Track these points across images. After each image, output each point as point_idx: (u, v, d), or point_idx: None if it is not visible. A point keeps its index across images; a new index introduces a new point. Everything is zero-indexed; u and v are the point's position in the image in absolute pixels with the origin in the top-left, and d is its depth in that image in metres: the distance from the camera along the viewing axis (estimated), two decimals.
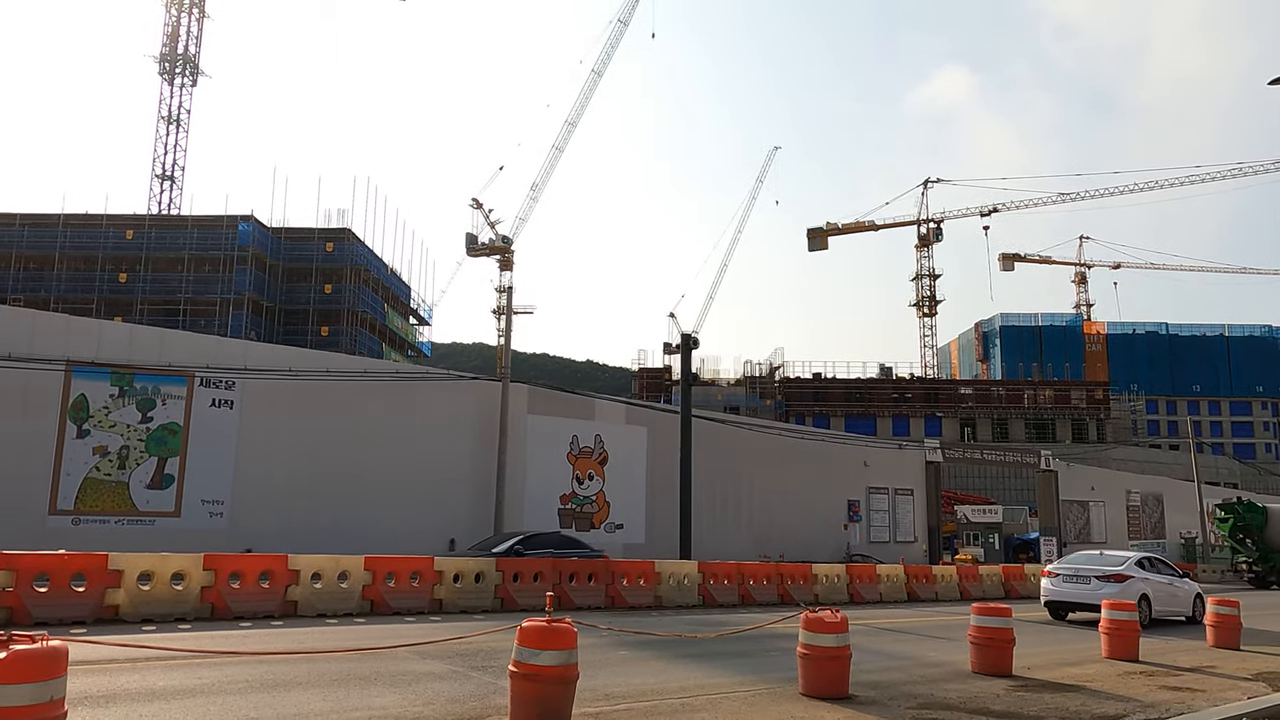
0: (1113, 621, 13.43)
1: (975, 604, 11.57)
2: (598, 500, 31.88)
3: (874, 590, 23.28)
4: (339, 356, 28.54)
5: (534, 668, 7.20)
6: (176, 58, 77.14)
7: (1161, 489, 58.73)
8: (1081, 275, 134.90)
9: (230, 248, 46.58)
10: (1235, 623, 15.42)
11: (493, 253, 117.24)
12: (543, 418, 30.80)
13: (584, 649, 11.35)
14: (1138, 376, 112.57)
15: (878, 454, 41.99)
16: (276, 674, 9.32)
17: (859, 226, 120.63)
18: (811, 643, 9.28)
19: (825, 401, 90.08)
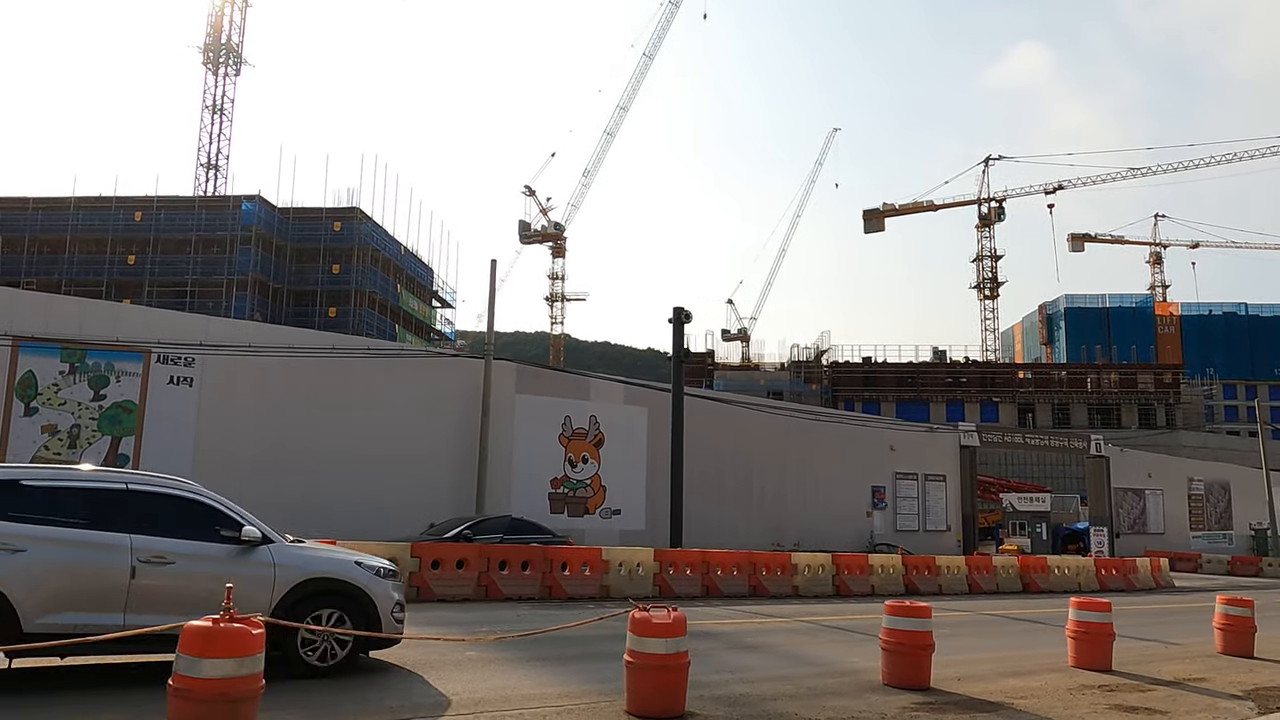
0: (1080, 624, 11.32)
1: (890, 602, 9.63)
2: (592, 484, 30.27)
3: (864, 583, 21.22)
4: (306, 333, 27.40)
5: (192, 681, 5.59)
6: (220, 47, 77.51)
7: (1229, 477, 54.76)
8: (1157, 255, 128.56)
9: (236, 228, 46.12)
10: (1247, 626, 13.14)
11: (545, 240, 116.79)
12: (532, 397, 29.27)
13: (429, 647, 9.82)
14: (1214, 360, 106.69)
15: (907, 437, 39.54)
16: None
17: (917, 207, 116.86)
18: (638, 649, 7.52)
19: (875, 386, 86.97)
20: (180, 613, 6.89)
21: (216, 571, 7.79)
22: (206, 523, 8.15)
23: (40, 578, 7.26)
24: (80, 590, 7.42)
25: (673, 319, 27.41)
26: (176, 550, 7.81)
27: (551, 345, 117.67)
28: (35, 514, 7.47)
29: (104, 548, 7.55)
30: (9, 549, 7.19)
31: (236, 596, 6.89)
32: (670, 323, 27.47)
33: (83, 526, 7.55)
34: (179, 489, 8.27)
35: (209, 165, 74.67)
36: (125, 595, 7.52)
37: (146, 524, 7.80)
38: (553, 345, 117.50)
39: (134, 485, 8.06)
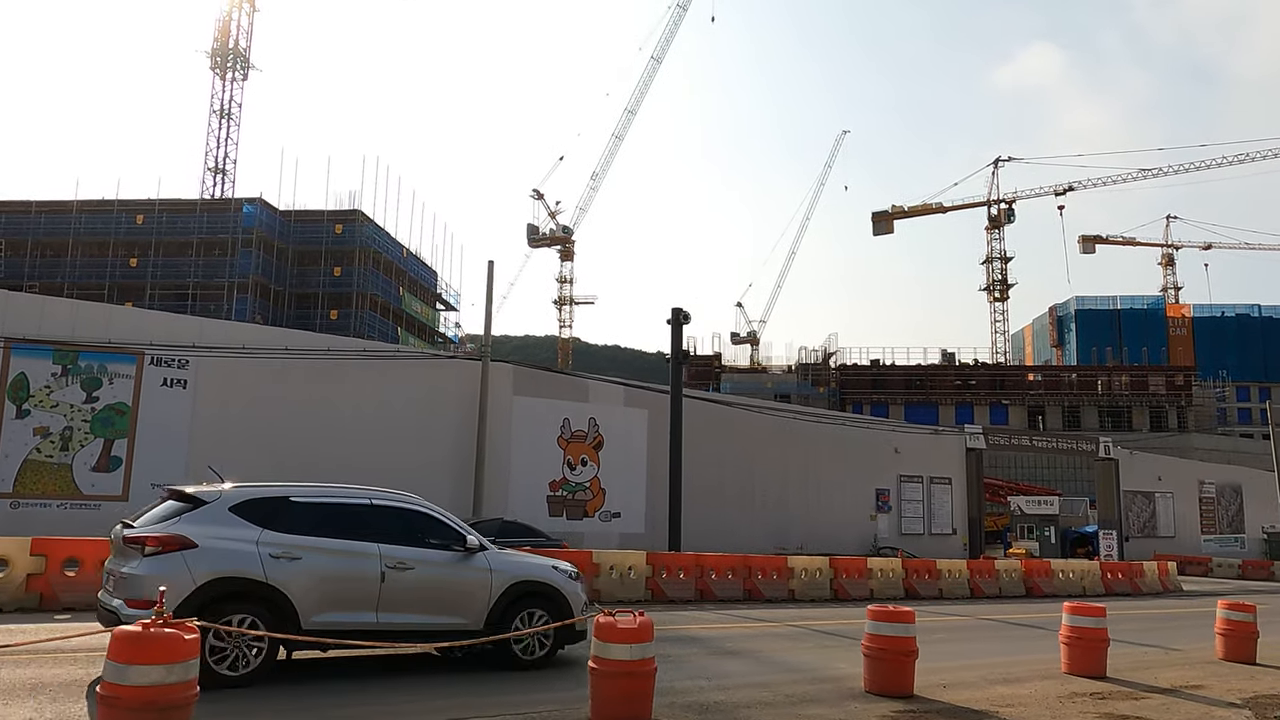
0: (1074, 630, 10.98)
1: (873, 607, 9.33)
2: (591, 487, 30.01)
3: (862, 586, 20.86)
4: (302, 334, 27.23)
5: (119, 689, 5.35)
6: (228, 52, 77.65)
7: (1241, 480, 54.10)
8: (1168, 257, 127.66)
9: (237, 231, 46.06)
10: (1249, 631, 12.77)
11: (553, 243, 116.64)
12: (530, 399, 29.04)
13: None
14: (1227, 362, 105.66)
15: (911, 440, 39.16)
16: None
17: (926, 209, 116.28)
18: (602, 655, 7.23)
19: (883, 389, 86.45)
20: (420, 611, 8.51)
21: (446, 575, 9.05)
22: (434, 533, 9.24)
23: (313, 581, 8.26)
24: (343, 592, 8.45)
25: (671, 320, 27.12)
26: (414, 557, 8.86)
27: (560, 348, 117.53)
28: (303, 527, 8.51)
29: (361, 555, 8.61)
30: (289, 557, 8.21)
31: (463, 596, 9.01)
32: (669, 324, 27.18)
33: (340, 537, 8.62)
34: (411, 503, 9.42)
35: (216, 170, 74.81)
36: (377, 597, 8.55)
37: (389, 534, 8.90)
38: (561, 348, 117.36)
39: (376, 500, 9.21)
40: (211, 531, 8.07)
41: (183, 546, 7.88)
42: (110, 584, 8.09)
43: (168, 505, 8.44)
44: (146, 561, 7.80)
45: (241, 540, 8.14)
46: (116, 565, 8.07)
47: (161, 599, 5.85)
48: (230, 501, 8.40)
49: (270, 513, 8.48)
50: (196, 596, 7.68)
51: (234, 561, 7.99)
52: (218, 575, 7.86)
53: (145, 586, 7.50)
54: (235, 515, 8.30)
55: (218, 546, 8.01)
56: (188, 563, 7.81)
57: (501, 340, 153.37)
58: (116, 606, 7.66)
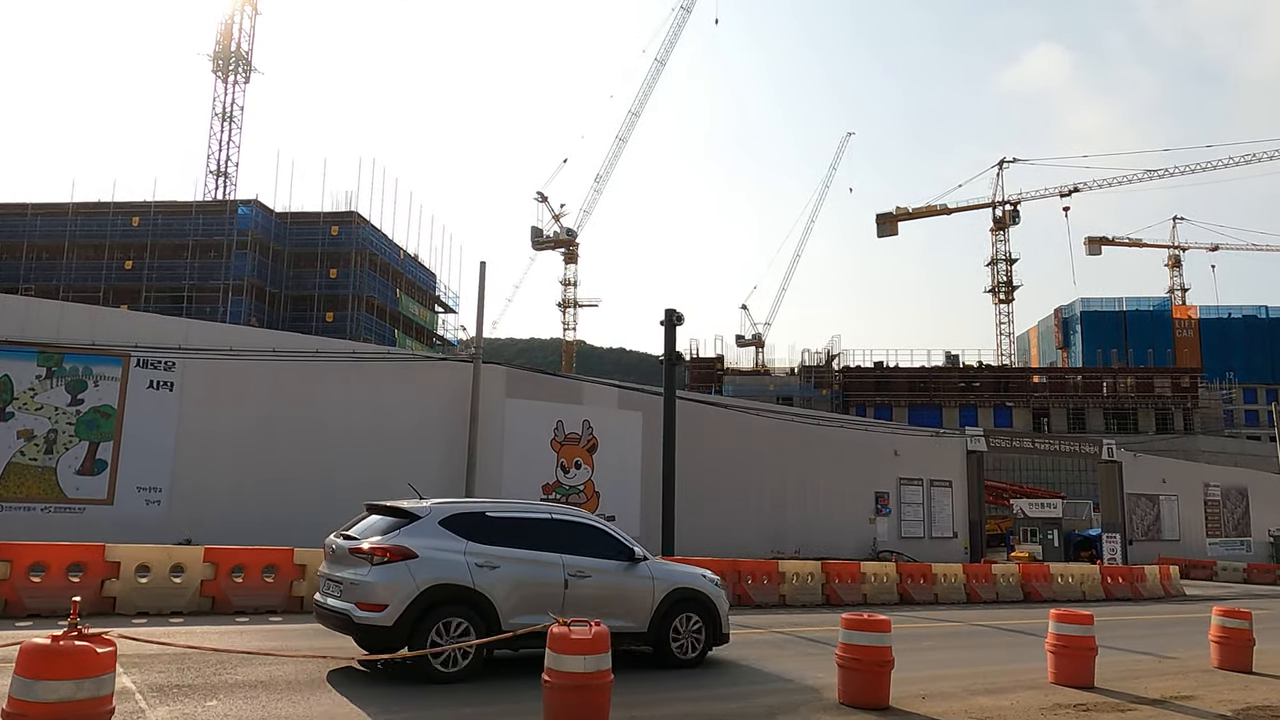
0: (1060, 638, 10.64)
1: (847, 615, 9.01)
2: (585, 490, 29.69)
3: (855, 591, 20.51)
4: (291, 336, 26.96)
5: (26, 706, 5.07)
6: (229, 55, 77.61)
7: (1247, 482, 53.54)
8: (1175, 258, 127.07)
9: (232, 233, 45.87)
10: (1244, 639, 12.41)
11: (557, 246, 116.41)
12: (523, 401, 28.74)
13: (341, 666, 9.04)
14: (1233, 363, 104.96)
15: (911, 442, 38.78)
16: None
17: (930, 211, 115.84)
18: (556, 667, 6.95)
19: (887, 391, 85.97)
20: (596, 614, 8.33)
21: (617, 582, 10.00)
22: (605, 544, 10.21)
23: (510, 588, 9.21)
24: (534, 597, 9.29)
25: (665, 321, 26.80)
26: (591, 566, 9.84)
27: (564, 351, 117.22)
28: (499, 539, 9.44)
29: (547, 565, 9.56)
30: (490, 565, 9.15)
31: (625, 602, 9.96)
32: (663, 325, 26.86)
33: (529, 548, 9.54)
34: (585, 518, 10.61)
35: (218, 172, 74.77)
36: (562, 601, 9.34)
37: (568, 546, 9.84)
38: (565, 351, 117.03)
39: (556, 515, 10.33)
40: (427, 543, 9.04)
41: (406, 557, 8.83)
42: (334, 589, 9.09)
43: (382, 519, 9.47)
44: (376, 570, 8.76)
45: (452, 551, 9.10)
46: (342, 572, 9.07)
47: (74, 610, 5.73)
48: (439, 516, 9.38)
49: (472, 526, 9.45)
50: (419, 601, 8.68)
51: (448, 570, 8.97)
52: (436, 582, 8.85)
53: (377, 592, 8.62)
54: (444, 529, 9.28)
55: (434, 557, 8.97)
56: (411, 571, 8.78)
57: (506, 343, 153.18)
58: (348, 609, 8.72)
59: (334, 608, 8.92)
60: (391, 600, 8.57)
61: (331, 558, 9.49)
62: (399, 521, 9.26)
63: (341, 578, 9.02)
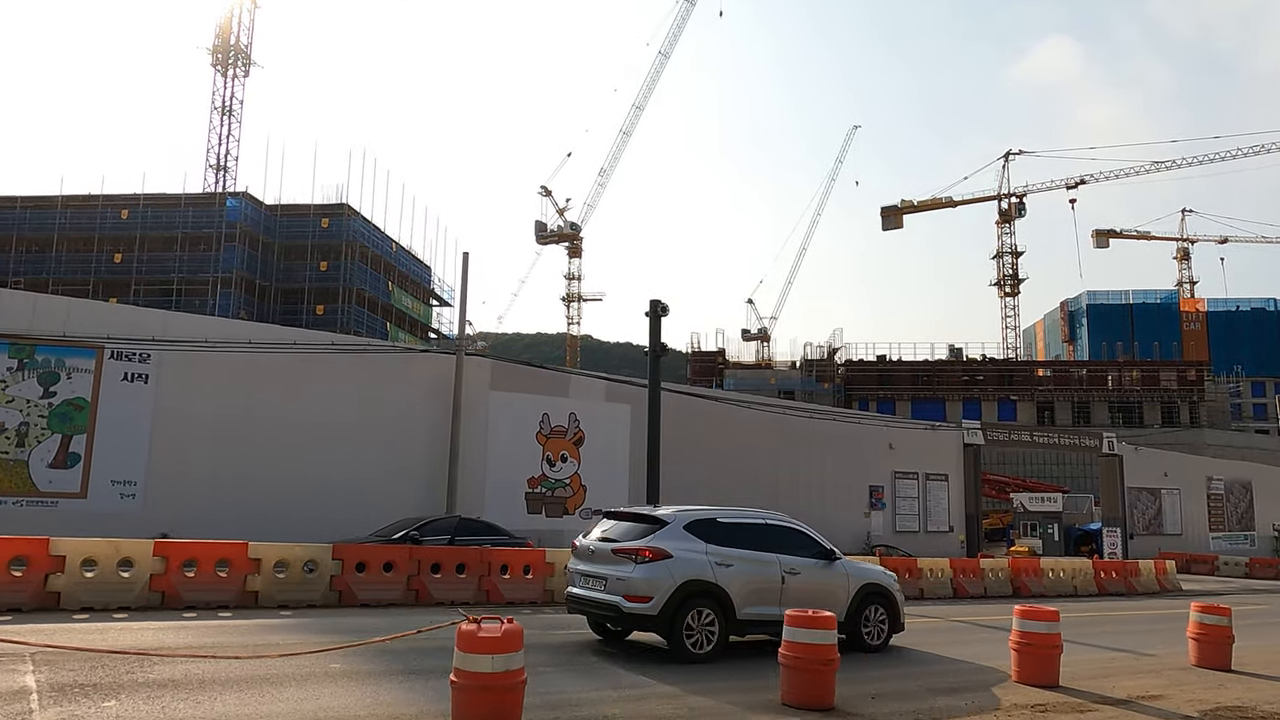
0: (1024, 635, 10.21)
1: (790, 611, 8.61)
2: (572, 484, 29.33)
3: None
4: (269, 328, 26.69)
5: None
6: (229, 49, 77.30)
7: (1251, 476, 52.87)
8: (1184, 251, 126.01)
9: (222, 226, 45.57)
10: (1223, 636, 11.96)
11: (561, 240, 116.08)
12: (508, 394, 28.37)
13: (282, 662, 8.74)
14: (1241, 357, 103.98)
15: (906, 435, 38.29)
16: None
17: (935, 204, 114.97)
18: (464, 666, 6.57)
19: (890, 385, 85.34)
20: (805, 606, 9.62)
21: (821, 578, 11.59)
22: (808, 545, 11.83)
23: (741, 583, 10.74)
24: (758, 591, 10.91)
25: (649, 312, 26.41)
26: (799, 564, 11.41)
27: (568, 345, 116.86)
28: (729, 541, 11.00)
29: (767, 563, 11.14)
30: (725, 563, 10.68)
31: (828, 595, 11.39)
32: (648, 316, 26.47)
33: (752, 549, 11.12)
34: (791, 523, 12.21)
35: (218, 166, 74.56)
36: (780, 594, 11.01)
37: (780, 546, 11.46)
38: (569, 345, 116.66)
39: (769, 521, 11.97)
40: (677, 545, 10.55)
41: (664, 557, 10.37)
42: (596, 584, 10.66)
43: (632, 525, 11.09)
44: (640, 568, 10.29)
45: (696, 552, 10.62)
46: (604, 569, 10.61)
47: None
48: (683, 522, 10.96)
49: (708, 530, 10.98)
50: (676, 594, 10.21)
51: (695, 568, 10.49)
52: (689, 578, 10.36)
53: (642, 586, 10.18)
54: (687, 533, 10.79)
55: (685, 556, 10.48)
56: (669, 569, 10.30)
57: (513, 338, 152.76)
58: (616, 601, 10.25)
59: (600, 599, 10.51)
60: (655, 593, 10.14)
61: (587, 556, 11.12)
62: (650, 527, 10.83)
63: (605, 574, 10.58)
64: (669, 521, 10.88)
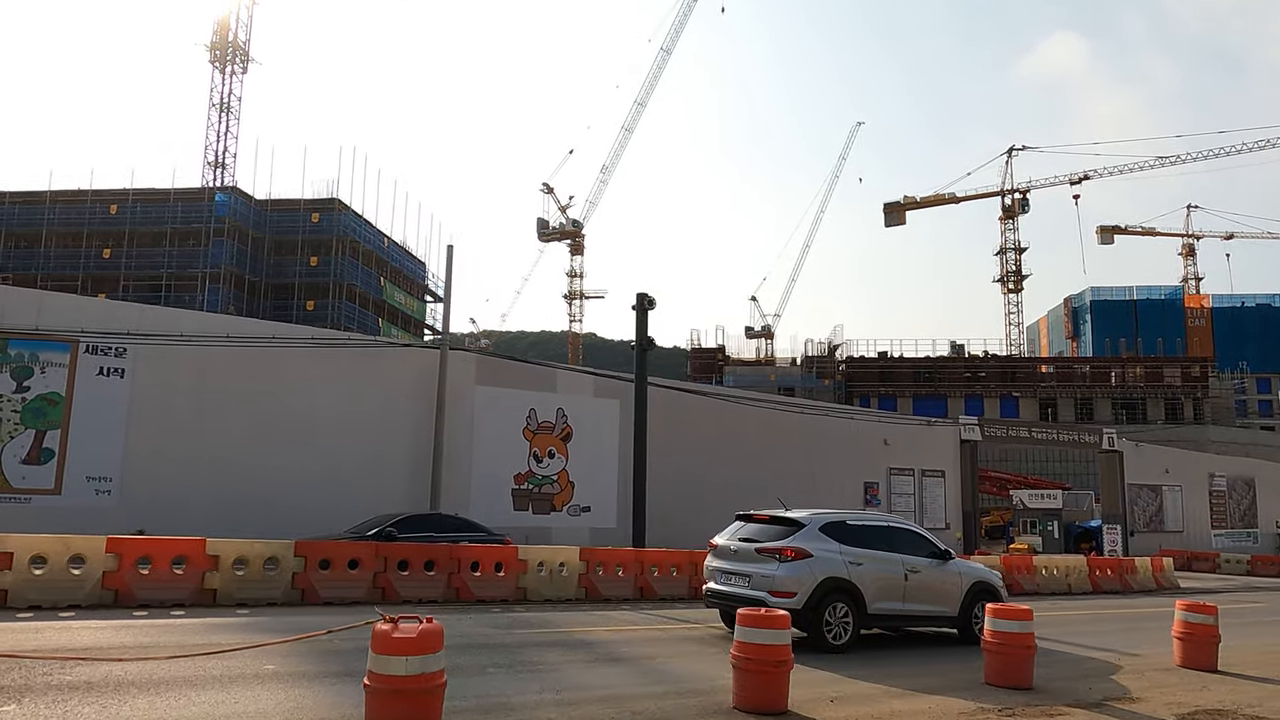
0: (997, 635, 9.76)
1: (742, 610, 8.19)
2: (559, 480, 28.92)
3: None
4: (249, 321, 26.29)
5: None
6: (227, 45, 76.94)
7: (1254, 472, 52.25)
8: (1189, 247, 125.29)
9: (211, 221, 45.21)
10: (1208, 635, 11.51)
11: (563, 237, 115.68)
12: (494, 389, 27.96)
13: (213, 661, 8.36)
14: (1247, 353, 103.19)
15: (902, 431, 37.83)
16: None
17: (938, 200, 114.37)
18: (378, 670, 6.14)
19: (891, 382, 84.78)
20: (924, 602, 12.24)
21: (937, 576, 12.52)
22: (925, 545, 12.74)
23: (870, 580, 11.68)
24: (885, 588, 11.85)
25: (635, 305, 26.00)
26: (918, 562, 12.34)
27: (570, 343, 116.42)
28: (857, 541, 11.92)
29: (892, 562, 12.05)
30: (856, 562, 11.59)
31: (944, 592, 12.59)
32: (634, 309, 26.06)
33: (877, 549, 12.03)
34: (910, 525, 13.41)
35: (216, 164, 74.25)
36: (903, 591, 12.03)
37: (901, 546, 12.38)
38: (571, 343, 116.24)
39: (891, 523, 12.95)
40: (815, 545, 11.48)
41: (805, 556, 11.31)
42: (739, 581, 11.58)
43: (770, 526, 12.02)
44: (784, 566, 11.23)
45: (831, 551, 11.54)
46: (747, 567, 11.53)
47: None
48: (818, 524, 11.86)
49: (839, 532, 11.89)
50: (817, 590, 11.14)
51: (832, 566, 11.40)
52: (827, 575, 11.31)
53: (787, 583, 11.10)
54: (823, 534, 11.72)
55: (822, 556, 11.41)
56: (810, 567, 11.26)
57: (518, 336, 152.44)
58: (762, 596, 10.98)
59: (745, 595, 11.21)
60: (799, 589, 11.08)
61: (729, 555, 12.02)
62: (789, 529, 11.77)
63: (749, 571, 11.47)
64: (806, 524, 11.79)
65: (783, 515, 12.10)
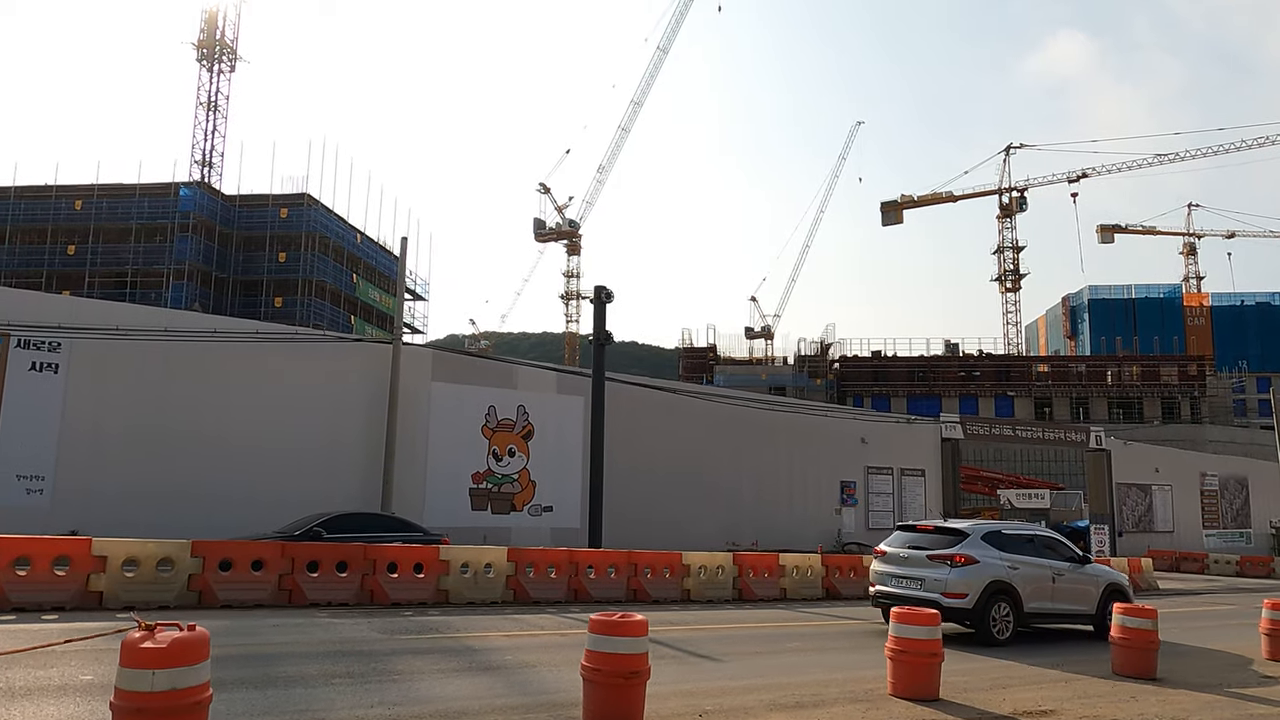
0: (900, 642, 8.94)
1: (595, 615, 7.38)
2: (520, 479, 28.13)
3: (772, 586, 18.85)
4: (190, 315, 25.63)
5: None
6: (215, 44, 76.26)
7: (1247, 472, 51.28)
8: (1190, 246, 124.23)
9: (176, 216, 44.40)
10: (1146, 641, 10.68)
11: (560, 238, 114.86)
12: (451, 385, 27.18)
13: None
14: (1248, 352, 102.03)
15: (880, 429, 36.98)
16: None
17: (936, 198, 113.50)
18: (124, 686, 5.33)
19: (885, 381, 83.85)
20: (1068, 602, 13.95)
21: (1079, 579, 14.11)
22: (1066, 551, 14.42)
23: (1026, 582, 13.21)
24: (1037, 589, 13.38)
25: (594, 299, 25.23)
26: (1062, 567, 13.94)
27: (567, 343, 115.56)
28: (1012, 548, 13.44)
29: (1042, 566, 13.63)
30: (1014, 567, 13.12)
31: (1085, 593, 14.15)
32: (592, 302, 25.29)
33: (1029, 555, 13.59)
34: (1049, 533, 14.99)
35: (203, 163, 73.51)
36: (1051, 592, 13.60)
37: (1046, 553, 14.00)
38: (568, 343, 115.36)
39: (1037, 532, 14.56)
40: (979, 552, 13.04)
41: (973, 562, 12.89)
42: (911, 584, 13.10)
43: (936, 536, 13.56)
44: (956, 570, 12.82)
45: (993, 558, 13.08)
46: (919, 572, 13.11)
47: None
48: (980, 533, 13.43)
49: (998, 540, 13.43)
50: (985, 592, 12.72)
51: (995, 571, 12.98)
52: (993, 579, 12.88)
53: (959, 585, 12.68)
54: (984, 542, 13.23)
55: (987, 561, 12.99)
56: (978, 572, 12.81)
57: (519, 337, 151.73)
58: (936, 598, 12.42)
59: (919, 596, 12.64)
60: (970, 591, 12.68)
61: (899, 561, 13.56)
62: (955, 538, 13.30)
63: (921, 576, 13.07)
64: (969, 534, 13.35)
65: (947, 525, 13.84)
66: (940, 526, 13.80)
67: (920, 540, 13.60)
